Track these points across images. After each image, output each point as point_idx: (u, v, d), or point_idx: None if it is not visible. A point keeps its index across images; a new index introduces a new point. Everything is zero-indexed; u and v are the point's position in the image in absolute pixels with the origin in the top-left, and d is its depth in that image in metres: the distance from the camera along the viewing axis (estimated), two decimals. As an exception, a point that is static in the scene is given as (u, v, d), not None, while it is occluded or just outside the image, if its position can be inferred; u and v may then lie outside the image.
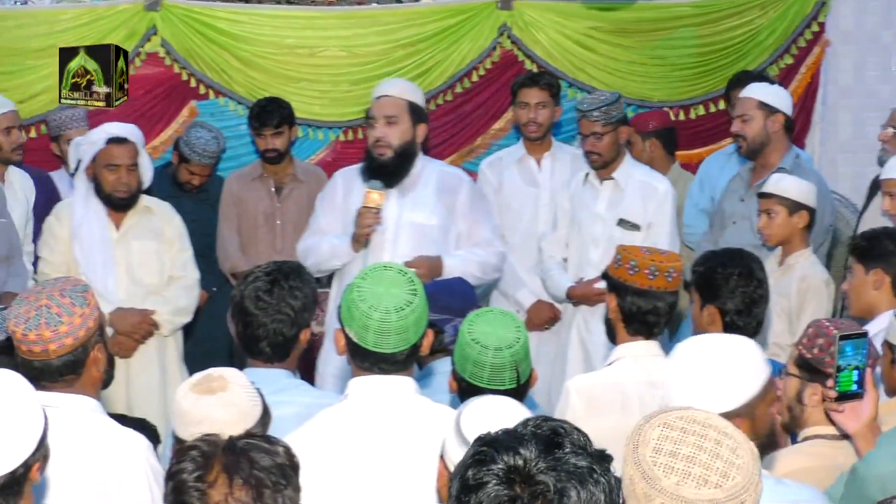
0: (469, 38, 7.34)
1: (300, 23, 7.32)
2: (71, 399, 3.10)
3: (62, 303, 3.06)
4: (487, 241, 5.43)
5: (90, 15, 7.06)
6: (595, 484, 1.84)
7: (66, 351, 3.07)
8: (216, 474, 2.25)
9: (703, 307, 4.03)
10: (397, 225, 5.30)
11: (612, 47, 7.46)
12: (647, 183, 5.78)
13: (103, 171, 5.39)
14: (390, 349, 3.00)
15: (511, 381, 3.27)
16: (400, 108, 5.29)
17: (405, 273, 3.06)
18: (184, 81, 7.17)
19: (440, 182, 5.40)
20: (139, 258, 5.49)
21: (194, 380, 2.87)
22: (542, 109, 6.14)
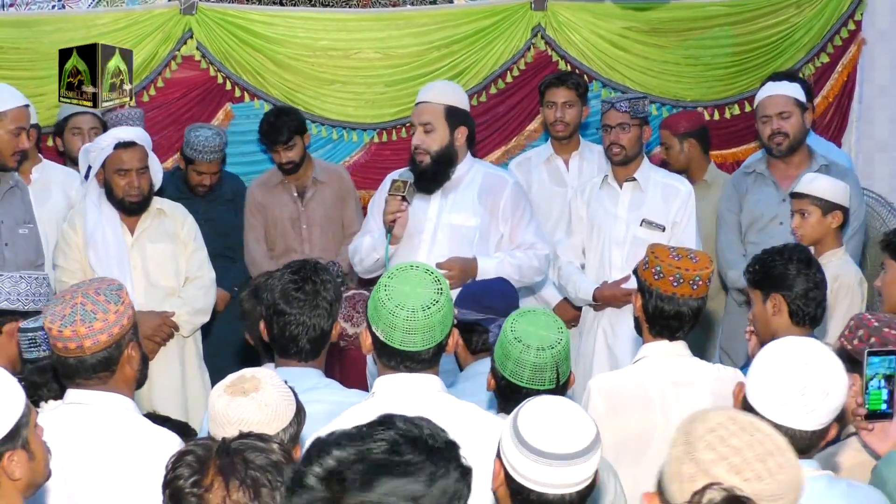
0: (503, 39, 7.35)
1: (334, 25, 7.34)
2: (105, 397, 3.14)
3: (97, 300, 3.11)
4: (530, 243, 5.42)
5: (127, 19, 7.12)
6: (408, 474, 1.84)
7: (101, 348, 3.11)
8: (212, 478, 2.26)
9: (766, 299, 4.06)
10: (436, 226, 5.32)
11: (646, 47, 7.45)
12: (668, 184, 5.76)
13: (114, 176, 5.40)
14: (416, 347, 3.01)
15: (551, 382, 3.27)
16: (436, 113, 5.29)
17: (431, 272, 3.07)
18: (219, 84, 7.22)
19: (483, 184, 5.40)
20: (155, 261, 5.51)
21: (228, 381, 2.89)
22: (570, 109, 6.14)
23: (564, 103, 6.13)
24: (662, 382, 3.77)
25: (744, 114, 7.50)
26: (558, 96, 6.14)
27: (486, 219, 5.36)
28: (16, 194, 5.35)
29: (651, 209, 5.70)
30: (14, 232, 5.28)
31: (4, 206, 5.28)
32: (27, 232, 5.35)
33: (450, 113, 5.31)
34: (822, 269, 4.19)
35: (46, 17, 7.16)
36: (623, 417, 3.76)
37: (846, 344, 3.34)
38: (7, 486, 2.50)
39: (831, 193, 5.13)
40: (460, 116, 5.37)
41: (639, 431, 3.75)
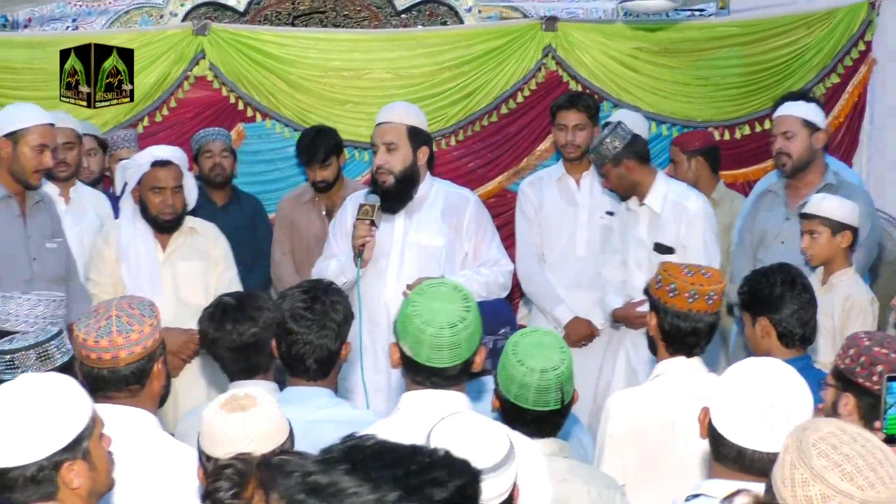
0: (514, 60, 7.37)
1: (346, 45, 7.38)
2: (131, 413, 3.15)
3: (132, 313, 3.15)
4: (494, 259, 5.46)
5: (140, 39, 7.15)
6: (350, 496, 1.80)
7: (135, 359, 3.13)
8: (252, 491, 2.27)
9: (754, 322, 4.06)
10: (402, 246, 5.35)
11: (657, 67, 7.46)
12: (678, 203, 5.70)
13: (149, 194, 5.45)
14: (443, 364, 3.00)
15: (556, 402, 3.27)
16: (399, 134, 5.33)
17: (460, 290, 3.06)
18: (231, 104, 7.25)
19: (446, 203, 5.44)
20: (185, 279, 5.53)
21: (221, 400, 2.87)
22: (581, 131, 6.14)
23: (576, 126, 6.13)
24: (681, 399, 3.76)
25: (754, 134, 7.50)
26: (569, 119, 6.14)
27: (451, 237, 5.39)
28: (42, 209, 5.36)
29: (664, 231, 5.68)
30: (42, 246, 5.28)
31: (32, 220, 5.28)
32: (55, 246, 5.36)
33: (412, 133, 5.36)
34: (810, 288, 4.17)
35: (61, 38, 7.19)
36: (643, 434, 3.76)
37: (839, 363, 3.34)
38: (67, 494, 2.53)
39: (840, 213, 5.12)
40: (422, 136, 5.42)
41: (660, 447, 3.74)
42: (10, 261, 5.18)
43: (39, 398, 2.49)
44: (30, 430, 2.46)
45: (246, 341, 3.91)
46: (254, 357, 3.92)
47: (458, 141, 7.43)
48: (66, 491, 2.53)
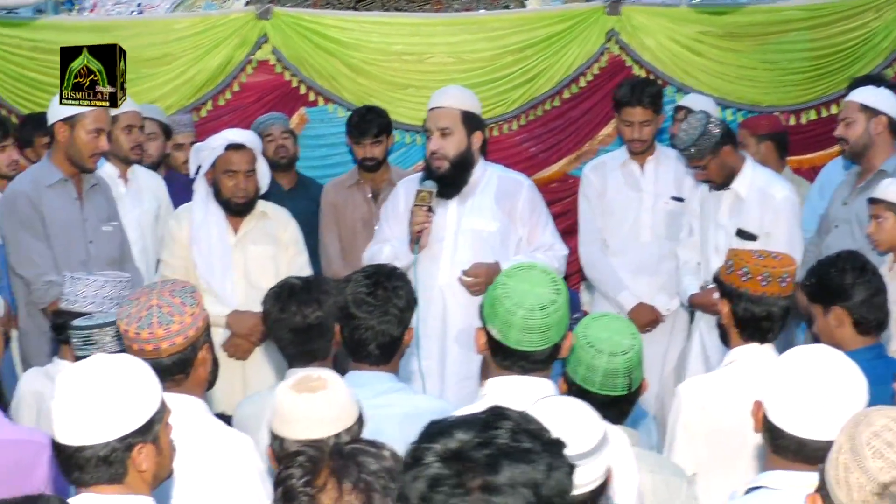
0: (577, 44, 7.32)
1: (408, 29, 7.37)
2: (179, 399, 3.12)
3: (173, 302, 3.12)
4: (549, 244, 5.44)
5: (204, 24, 7.20)
6: (530, 462, 1.84)
7: (177, 350, 3.12)
8: (325, 479, 2.26)
9: (826, 313, 4.00)
10: (456, 232, 5.34)
11: (722, 52, 7.37)
12: (765, 191, 5.64)
13: (222, 177, 5.47)
14: (532, 347, 2.96)
15: (623, 388, 3.24)
16: (453, 118, 5.31)
17: (549, 273, 3.03)
18: (294, 88, 7.27)
19: (500, 188, 5.42)
20: (256, 262, 5.55)
21: (294, 380, 2.90)
22: (646, 127, 6.05)
23: (641, 122, 6.05)
24: (754, 386, 3.70)
25: (821, 119, 7.39)
26: (635, 116, 6.04)
27: (506, 222, 5.37)
28: (98, 192, 5.44)
29: (747, 218, 5.63)
30: (98, 229, 5.37)
31: (88, 203, 5.36)
32: (111, 230, 5.43)
33: (466, 118, 5.34)
34: (879, 273, 4.12)
35: (125, 22, 7.27)
36: (714, 422, 3.72)
37: None
38: (135, 477, 2.55)
39: None
40: (476, 121, 5.40)
41: (730, 435, 3.70)
42: (68, 243, 5.26)
43: (116, 379, 2.52)
44: (106, 410, 2.48)
45: (309, 323, 3.93)
46: (314, 341, 3.93)
47: (519, 125, 7.39)
48: (134, 474, 2.54)
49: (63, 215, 5.28)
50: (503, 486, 1.81)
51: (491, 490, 1.81)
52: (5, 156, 6.05)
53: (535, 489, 1.83)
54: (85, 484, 2.53)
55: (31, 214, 5.21)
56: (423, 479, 1.84)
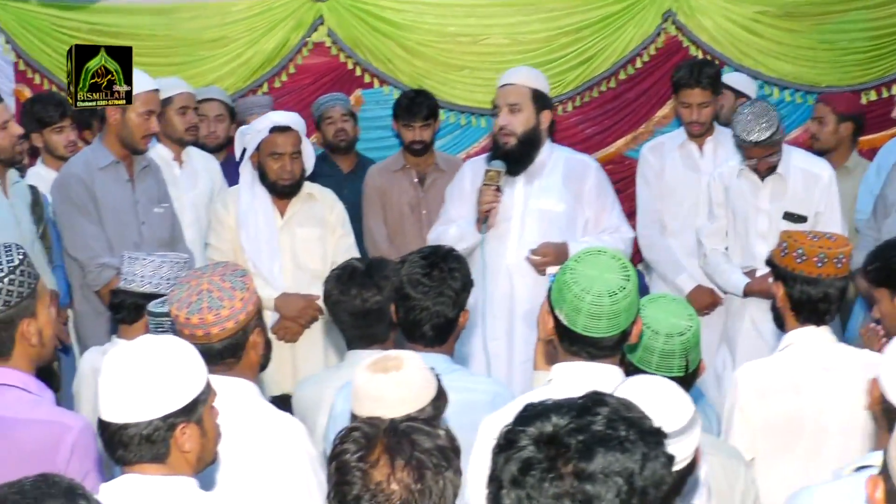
0: (633, 25, 7.28)
1: (463, 11, 7.36)
2: (231, 382, 3.15)
3: (223, 287, 3.12)
4: (615, 226, 5.43)
5: (260, 6, 7.23)
6: (624, 451, 1.84)
7: (228, 335, 3.12)
8: (378, 455, 2.28)
9: (893, 296, 3.91)
10: (523, 212, 5.32)
11: (780, 32, 7.30)
12: (808, 171, 5.58)
13: (267, 160, 5.48)
14: (600, 333, 2.92)
15: (679, 369, 3.23)
16: (523, 95, 5.31)
17: (619, 258, 2.98)
18: (349, 70, 7.30)
19: (567, 168, 5.40)
20: (303, 244, 5.57)
21: (371, 359, 2.92)
22: (705, 109, 5.98)
23: (700, 104, 5.99)
24: (812, 369, 3.69)
25: (881, 99, 7.32)
26: (694, 97, 5.97)
27: (572, 203, 5.35)
28: (149, 174, 5.48)
29: (793, 200, 5.55)
30: (149, 211, 5.41)
31: (140, 185, 5.41)
32: (162, 211, 5.47)
33: (536, 95, 5.34)
34: None
35: (183, 5, 7.31)
36: (772, 406, 3.69)
37: None
38: (178, 457, 2.57)
39: None
40: (545, 100, 5.40)
41: (788, 420, 3.68)
42: (120, 225, 5.31)
43: (161, 359, 2.54)
44: (149, 389, 2.51)
45: (369, 308, 3.94)
46: (374, 325, 3.95)
47: (575, 107, 7.38)
48: (177, 454, 2.56)
49: (115, 197, 5.33)
50: (596, 473, 1.81)
51: (583, 477, 1.81)
52: (63, 137, 6.11)
53: (629, 479, 1.83)
54: (128, 462, 2.55)
55: (84, 197, 5.25)
56: (515, 462, 1.84)
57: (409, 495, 2.25)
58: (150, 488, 2.54)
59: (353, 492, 2.26)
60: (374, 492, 2.25)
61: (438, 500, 2.27)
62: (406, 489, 2.25)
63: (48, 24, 7.13)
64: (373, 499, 2.25)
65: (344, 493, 2.27)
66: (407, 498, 2.25)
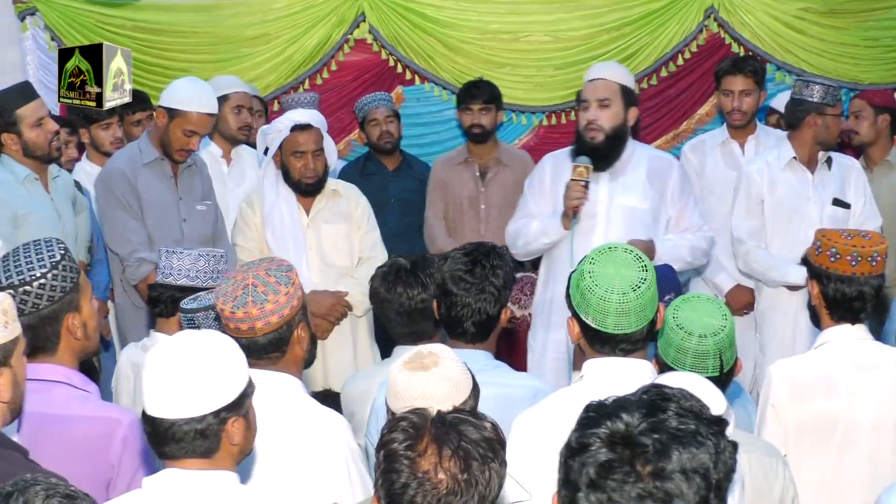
0: (675, 22, 7.26)
1: (504, 8, 7.37)
2: (275, 377, 3.17)
3: (268, 281, 3.13)
4: (697, 225, 5.38)
5: (302, 3, 7.26)
6: (699, 446, 1.83)
7: (272, 329, 3.13)
8: (426, 444, 2.29)
9: None
10: (608, 208, 5.27)
11: (824, 29, 7.26)
12: (841, 163, 5.67)
13: (290, 159, 5.47)
14: (631, 329, 2.96)
15: (714, 369, 3.22)
16: (613, 91, 5.25)
17: (631, 251, 3.01)
18: (391, 67, 7.32)
19: (651, 166, 5.36)
20: (329, 241, 5.56)
21: (407, 357, 2.91)
22: (747, 97, 6.00)
23: (742, 91, 5.99)
24: (847, 367, 3.70)
25: (925, 97, 7.26)
26: (736, 84, 6.00)
27: (657, 201, 5.31)
28: (194, 172, 5.52)
29: (837, 188, 5.60)
30: (192, 208, 5.45)
31: (182, 182, 5.45)
32: (205, 209, 5.51)
33: (625, 92, 5.28)
34: None
35: (225, 2, 7.36)
36: (806, 403, 3.70)
37: None
38: (227, 450, 2.59)
39: None
40: (633, 97, 5.35)
41: (823, 417, 3.68)
42: (162, 221, 5.35)
43: (207, 353, 2.55)
44: (201, 384, 2.53)
45: (415, 306, 3.96)
46: (420, 323, 3.97)
47: (616, 104, 7.35)
48: (225, 448, 2.58)
49: (158, 193, 5.37)
50: (675, 471, 1.81)
51: (663, 476, 1.81)
52: (109, 133, 6.17)
53: (706, 474, 1.83)
54: (176, 457, 2.56)
55: (126, 192, 5.30)
56: (592, 465, 1.84)
57: (456, 485, 2.26)
58: (194, 482, 2.56)
59: (401, 480, 2.28)
60: (422, 480, 2.26)
61: (485, 490, 2.28)
62: (453, 478, 2.26)
63: (92, 22, 7.20)
64: (420, 487, 2.26)
65: (392, 480, 2.29)
66: (453, 487, 2.26)
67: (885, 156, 6.26)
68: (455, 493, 2.26)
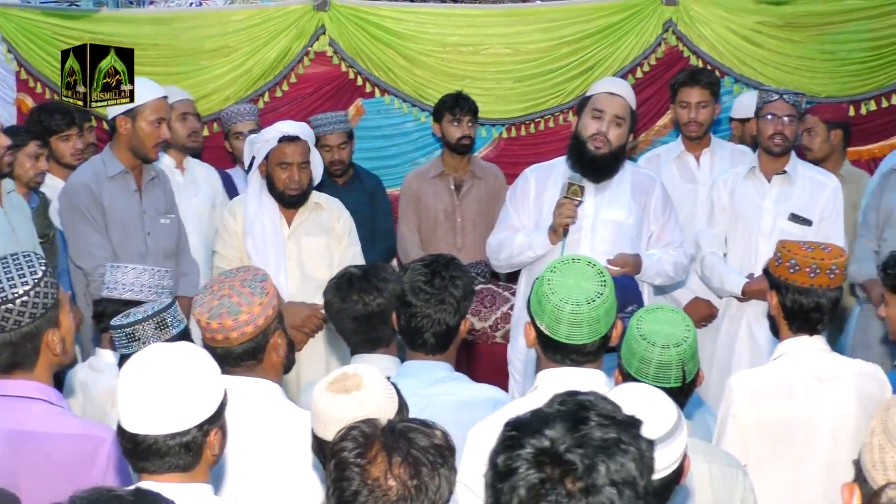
0: (634, 35, 7.30)
1: (464, 21, 7.38)
2: (253, 383, 3.22)
3: (242, 292, 3.19)
4: (678, 241, 5.43)
5: (261, 16, 7.25)
6: (624, 454, 1.85)
7: (247, 339, 3.19)
8: (376, 452, 2.32)
9: None
10: (594, 222, 5.29)
11: (781, 42, 7.32)
12: (815, 179, 5.70)
13: (276, 169, 5.51)
14: (582, 340, 3.01)
15: (676, 380, 3.24)
16: (627, 110, 5.26)
17: (594, 265, 3.06)
18: (351, 80, 7.31)
19: (634, 181, 5.39)
20: (309, 253, 5.59)
21: (331, 377, 2.87)
22: (703, 109, 6.06)
23: (698, 103, 6.05)
24: (805, 378, 3.74)
25: (880, 110, 7.34)
26: (692, 96, 6.06)
27: (640, 216, 5.35)
28: (157, 185, 5.51)
29: (799, 203, 5.65)
30: (156, 221, 5.45)
31: (147, 196, 5.44)
32: (168, 222, 5.51)
33: (632, 114, 5.32)
34: None
35: (184, 14, 7.36)
36: (764, 413, 3.73)
37: None
38: (205, 461, 2.63)
39: None
40: (636, 120, 5.41)
41: (780, 427, 3.72)
42: (126, 235, 5.34)
43: (185, 367, 2.57)
44: (184, 399, 2.55)
45: (371, 311, 3.96)
46: (377, 329, 3.96)
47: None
48: (205, 459, 2.62)
49: (122, 207, 5.36)
50: (605, 485, 1.82)
51: (594, 491, 1.82)
52: (69, 145, 6.13)
53: (633, 482, 1.85)
54: (156, 472, 2.58)
55: (91, 206, 5.28)
56: (522, 488, 1.84)
57: (406, 491, 2.29)
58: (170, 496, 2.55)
59: (352, 487, 2.30)
60: (372, 487, 2.29)
61: (434, 495, 2.31)
62: (403, 485, 2.29)
63: (50, 34, 7.15)
64: (370, 494, 2.29)
65: (343, 488, 2.31)
66: (404, 494, 2.29)
67: (837, 171, 6.31)
68: (405, 498, 2.29)
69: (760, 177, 5.72)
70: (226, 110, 6.90)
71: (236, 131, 6.68)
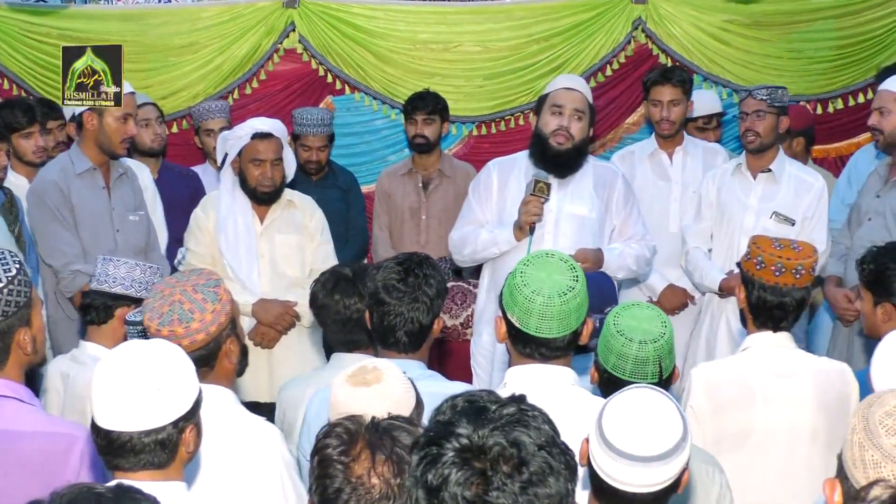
0: (603, 33, 7.32)
1: (434, 18, 7.38)
2: (207, 389, 3.12)
3: (194, 298, 3.13)
4: (640, 234, 5.45)
5: (230, 12, 7.23)
6: (534, 419, 1.90)
7: (198, 346, 3.12)
8: (360, 449, 2.32)
9: (876, 304, 4.05)
10: (557, 217, 5.30)
11: (749, 41, 7.36)
12: (801, 178, 5.76)
13: (248, 166, 5.49)
14: (552, 334, 3.01)
15: (653, 376, 3.25)
16: (585, 104, 5.30)
17: (567, 260, 3.07)
18: (320, 77, 7.30)
19: (597, 176, 5.40)
20: (282, 251, 5.57)
21: (350, 371, 2.89)
22: (675, 107, 6.08)
23: (670, 101, 6.07)
24: (765, 374, 3.77)
25: (847, 108, 7.38)
26: (664, 94, 6.08)
27: (602, 210, 5.37)
28: (125, 182, 5.49)
29: (783, 202, 5.70)
30: (125, 218, 5.43)
31: (116, 193, 5.42)
32: (137, 219, 5.49)
33: (590, 108, 5.34)
34: None
35: (153, 11, 7.31)
36: (724, 409, 3.76)
37: None
38: (180, 458, 2.60)
39: None
40: (595, 115, 5.43)
41: (740, 422, 3.75)
42: (96, 232, 5.32)
43: (162, 363, 2.55)
44: (161, 395, 2.52)
45: (350, 316, 3.96)
46: (355, 332, 3.97)
47: (545, 114, 7.38)
48: (181, 456, 2.60)
49: (91, 204, 5.34)
50: (534, 452, 1.87)
51: (527, 461, 1.87)
52: (31, 142, 6.08)
53: (555, 442, 1.92)
54: (131, 470, 2.55)
55: (60, 203, 5.26)
56: (463, 490, 1.87)
57: (389, 489, 2.30)
58: None
59: (335, 485, 2.30)
60: (355, 485, 2.29)
61: None
62: (386, 483, 2.29)
63: (16, 30, 7.10)
64: (353, 492, 2.29)
65: (326, 485, 2.31)
66: (386, 492, 2.29)
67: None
68: (388, 497, 2.29)
69: (747, 174, 5.78)
70: (197, 107, 6.88)
71: (207, 128, 6.66)
